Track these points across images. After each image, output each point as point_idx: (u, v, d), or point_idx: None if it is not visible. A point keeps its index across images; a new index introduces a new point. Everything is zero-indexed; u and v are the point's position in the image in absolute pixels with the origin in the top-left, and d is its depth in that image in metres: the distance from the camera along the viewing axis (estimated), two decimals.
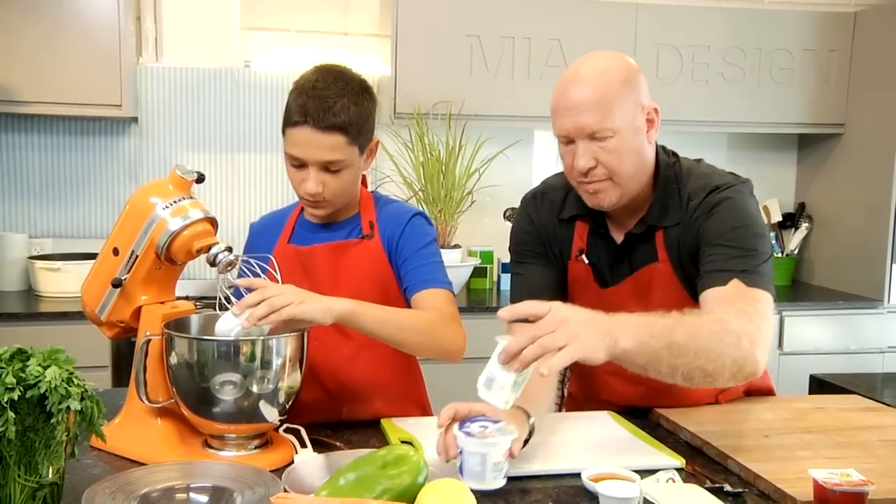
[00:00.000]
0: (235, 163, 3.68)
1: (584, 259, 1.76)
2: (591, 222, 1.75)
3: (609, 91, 1.57)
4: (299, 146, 1.66)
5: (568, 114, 1.59)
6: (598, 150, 1.59)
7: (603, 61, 1.61)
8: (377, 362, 1.80)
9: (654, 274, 1.71)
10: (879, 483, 1.28)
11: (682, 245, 1.68)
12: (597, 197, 1.65)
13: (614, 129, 1.57)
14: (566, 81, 1.62)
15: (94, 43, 3.18)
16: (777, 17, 3.80)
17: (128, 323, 1.58)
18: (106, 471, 1.42)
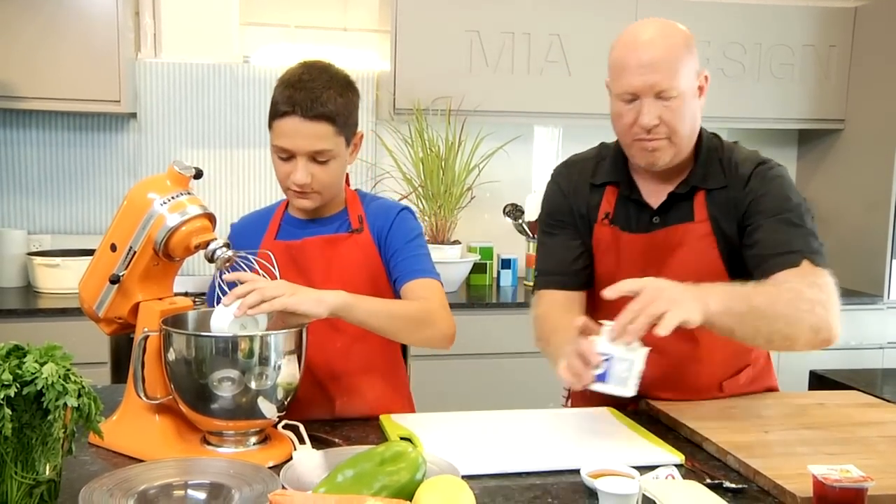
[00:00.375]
0: (234, 159, 3.67)
1: (608, 222, 1.82)
2: (622, 188, 1.81)
3: (677, 52, 1.67)
4: (287, 137, 1.67)
5: (639, 71, 1.65)
6: (663, 109, 1.67)
7: (666, 25, 1.72)
8: (369, 355, 1.81)
9: (687, 232, 1.75)
10: (879, 479, 1.28)
11: (725, 208, 1.74)
12: (653, 155, 1.71)
13: (678, 90, 1.66)
14: (633, 41, 1.69)
15: (92, 39, 3.18)
16: (777, 12, 3.79)
17: (126, 319, 1.57)
18: (104, 467, 1.42)
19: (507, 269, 3.80)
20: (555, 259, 1.88)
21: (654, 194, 1.79)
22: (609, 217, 1.81)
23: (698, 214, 1.75)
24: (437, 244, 3.52)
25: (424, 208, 3.53)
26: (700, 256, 1.74)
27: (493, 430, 1.66)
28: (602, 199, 1.83)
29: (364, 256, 1.80)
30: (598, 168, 1.86)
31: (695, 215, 1.76)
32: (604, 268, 1.82)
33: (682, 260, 1.74)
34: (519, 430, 1.66)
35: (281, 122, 1.67)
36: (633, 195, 1.80)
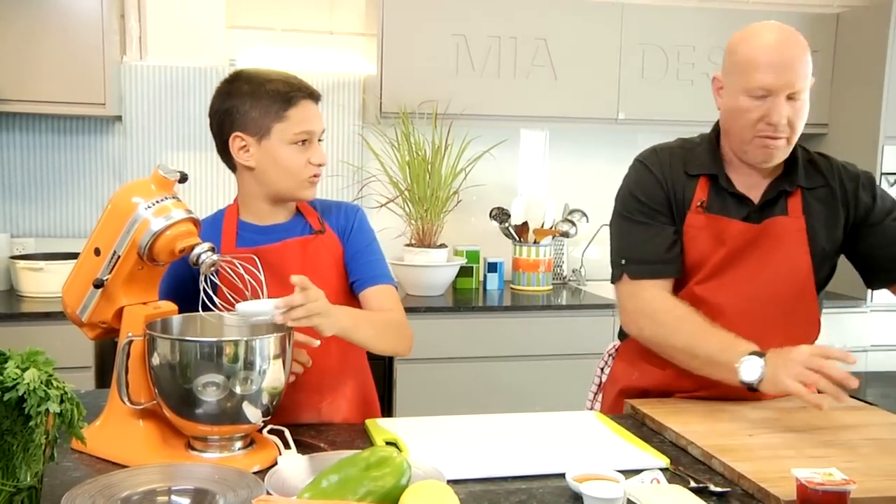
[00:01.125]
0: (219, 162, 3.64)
1: (702, 210, 1.85)
2: (720, 179, 1.84)
3: (805, 55, 1.75)
4: (308, 121, 1.73)
5: (778, 70, 1.71)
6: (790, 109, 1.73)
7: (789, 28, 1.79)
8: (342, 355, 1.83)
9: (782, 226, 1.82)
10: (861, 482, 1.29)
11: (824, 207, 1.84)
12: (772, 153, 1.77)
13: (805, 94, 1.75)
14: (765, 41, 1.75)
15: (77, 41, 3.16)
16: (761, 17, 3.76)
17: (109, 324, 1.56)
18: (87, 473, 1.41)
19: (493, 273, 3.80)
20: (653, 247, 1.86)
21: (750, 188, 1.85)
22: (703, 205, 1.85)
23: (793, 210, 1.83)
24: (423, 247, 3.52)
25: (411, 212, 3.53)
26: (790, 252, 1.82)
27: (479, 434, 1.66)
28: (696, 188, 1.86)
29: (332, 256, 1.82)
30: (690, 158, 1.88)
31: (789, 210, 1.83)
32: (696, 255, 1.85)
33: (776, 253, 1.82)
34: (504, 435, 1.66)
35: (298, 109, 1.71)
36: (729, 187, 1.85)
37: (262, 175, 1.74)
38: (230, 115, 1.72)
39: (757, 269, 1.83)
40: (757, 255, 1.82)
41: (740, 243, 1.83)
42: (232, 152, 1.74)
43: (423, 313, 3.30)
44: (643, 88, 3.67)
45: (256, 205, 1.80)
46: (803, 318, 1.88)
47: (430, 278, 3.53)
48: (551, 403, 2.02)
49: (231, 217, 1.81)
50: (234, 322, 1.57)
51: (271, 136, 1.71)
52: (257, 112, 1.70)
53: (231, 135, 1.73)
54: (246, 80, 1.74)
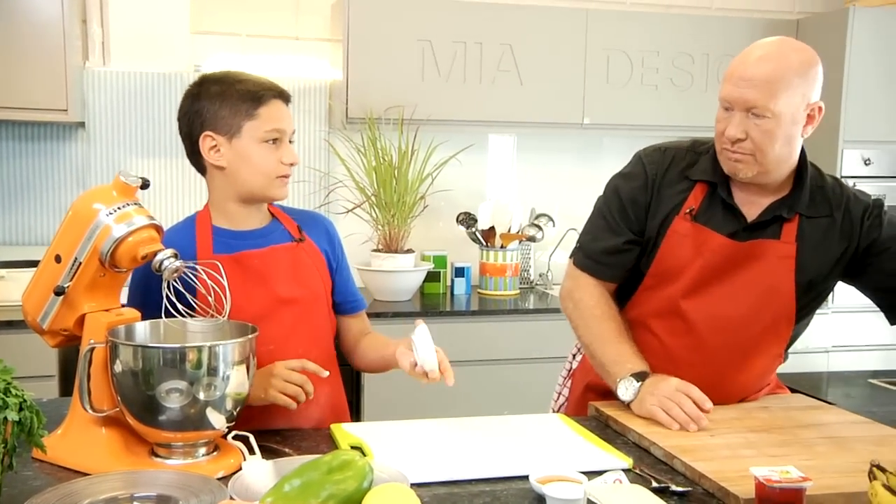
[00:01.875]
0: (185, 168, 3.58)
1: (690, 217, 1.83)
2: (719, 189, 1.82)
3: (782, 75, 1.67)
4: (279, 119, 1.74)
5: (738, 84, 1.70)
6: (752, 126, 1.70)
7: (789, 47, 1.72)
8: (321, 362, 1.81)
9: (770, 249, 1.79)
10: (817, 479, 1.32)
11: (822, 236, 1.80)
12: (735, 166, 1.76)
13: (773, 112, 1.67)
14: (748, 54, 1.72)
15: (37, 46, 3.12)
16: (724, 23, 3.87)
17: (71, 331, 1.55)
18: (48, 482, 1.39)
19: (460, 278, 3.82)
20: (603, 246, 1.91)
21: (748, 204, 1.82)
22: (693, 213, 1.83)
23: (786, 236, 1.79)
24: (390, 253, 3.53)
25: (378, 217, 3.53)
26: (774, 276, 1.78)
27: (444, 437, 1.67)
28: (689, 194, 1.84)
29: (315, 266, 1.84)
30: (695, 163, 1.87)
31: (782, 235, 1.79)
32: (674, 260, 1.84)
33: (757, 273, 1.79)
34: (469, 438, 1.67)
35: (268, 107, 1.72)
36: (728, 199, 1.82)
37: (234, 175, 1.74)
38: (200, 116, 1.73)
39: (736, 288, 1.80)
40: (738, 275, 1.79)
41: (720, 259, 1.80)
42: (202, 152, 1.74)
43: (391, 318, 3.30)
44: (608, 93, 3.71)
45: (229, 207, 1.79)
46: (772, 345, 1.88)
47: (397, 283, 3.53)
48: (519, 407, 2.03)
49: (204, 223, 1.80)
50: (198, 328, 1.56)
51: (242, 134, 1.71)
52: (227, 111, 1.71)
53: (201, 135, 1.73)
54: (215, 82, 1.75)
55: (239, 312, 1.66)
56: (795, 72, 1.68)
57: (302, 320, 1.81)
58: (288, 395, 1.65)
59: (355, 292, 1.97)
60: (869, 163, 3.76)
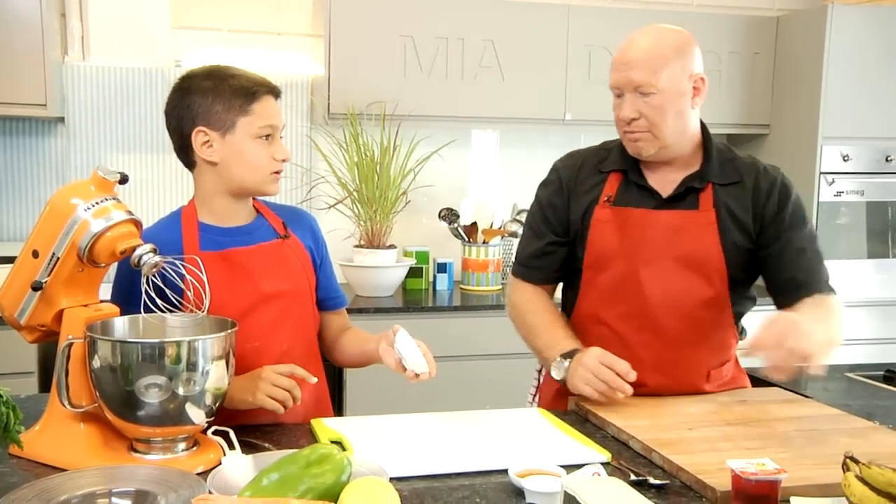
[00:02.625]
0: (166, 164, 3.62)
1: (609, 204, 1.91)
2: (630, 174, 1.92)
3: (660, 53, 1.80)
4: (272, 115, 1.74)
5: (620, 68, 1.82)
6: (642, 105, 1.81)
7: (660, 29, 1.87)
8: (307, 357, 1.85)
9: (690, 219, 1.87)
10: (792, 471, 1.33)
11: (737, 202, 1.87)
12: (636, 145, 1.86)
13: (658, 88, 1.79)
14: (627, 42, 1.85)
15: (16, 41, 3.09)
16: (704, 20, 3.89)
17: (49, 327, 1.54)
18: (25, 478, 1.39)
19: (442, 273, 3.82)
20: (529, 251, 2.04)
21: (661, 182, 1.90)
22: (611, 199, 1.91)
23: (704, 204, 1.87)
24: (372, 248, 3.52)
25: (360, 213, 3.53)
26: (699, 243, 1.86)
27: (423, 432, 1.67)
28: (605, 184, 1.94)
29: (299, 262, 1.85)
30: (606, 157, 1.97)
31: (700, 205, 1.87)
32: (603, 246, 1.91)
33: (684, 244, 1.86)
34: (449, 432, 1.67)
35: (261, 103, 1.72)
36: (640, 181, 1.91)
37: (226, 170, 1.73)
38: (191, 111, 1.71)
39: (668, 262, 1.86)
40: (667, 248, 1.86)
41: (644, 233, 1.87)
42: (194, 147, 1.73)
43: (373, 314, 3.31)
44: (589, 89, 3.71)
45: (216, 203, 1.78)
46: (719, 315, 1.92)
47: (379, 279, 3.53)
48: (500, 401, 2.04)
49: (190, 218, 1.79)
50: (178, 323, 1.56)
51: (236, 130, 1.71)
52: (221, 106, 1.70)
53: (194, 130, 1.71)
54: (206, 76, 1.73)
55: (223, 308, 1.66)
56: (672, 48, 1.82)
57: (286, 316, 1.81)
58: (276, 400, 1.64)
59: (337, 289, 1.98)
60: (847, 159, 3.78)
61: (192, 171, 1.79)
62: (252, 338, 1.72)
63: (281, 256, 1.81)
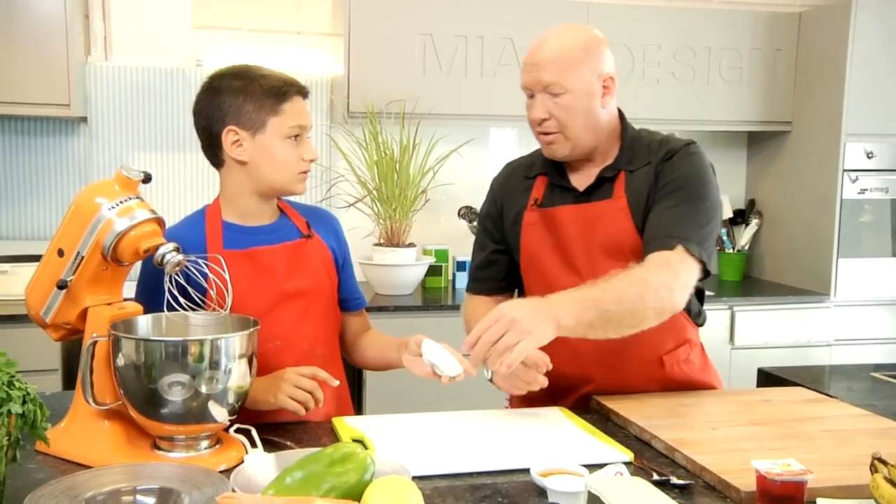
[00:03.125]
0: (187, 162, 3.64)
1: (536, 206, 1.92)
2: (551, 176, 1.93)
3: (568, 54, 1.78)
4: (301, 115, 1.75)
5: (530, 69, 1.81)
6: (552, 105, 1.79)
7: (569, 28, 1.84)
8: (327, 357, 1.85)
9: (605, 208, 1.86)
10: (818, 472, 1.32)
11: (645, 182, 1.84)
12: (550, 147, 1.86)
13: (567, 88, 1.78)
14: (537, 42, 1.83)
15: (40, 41, 3.13)
16: (726, 16, 3.86)
17: (74, 325, 1.56)
18: (51, 475, 1.40)
19: (462, 272, 3.82)
20: (476, 265, 2.07)
21: (580, 179, 1.90)
22: (538, 202, 1.93)
23: (616, 192, 1.86)
24: (392, 247, 3.53)
25: (379, 211, 3.54)
26: (616, 229, 1.84)
27: (445, 430, 1.67)
28: (533, 189, 1.95)
29: (322, 262, 1.85)
30: (534, 162, 1.99)
31: (613, 193, 1.86)
32: (535, 247, 1.92)
33: (603, 232, 1.85)
34: (470, 431, 1.67)
35: (291, 103, 1.73)
36: (561, 182, 1.91)
37: (255, 169, 1.74)
38: (221, 110, 1.72)
39: (594, 252, 1.85)
40: (591, 241, 1.86)
41: (566, 229, 1.87)
42: (224, 147, 1.73)
43: (393, 312, 3.31)
44: None
45: (242, 202, 1.79)
46: None
47: (399, 277, 3.54)
48: None
49: (214, 217, 1.80)
50: (200, 322, 1.57)
51: (266, 129, 1.72)
52: (252, 106, 1.71)
53: (224, 129, 1.72)
54: (236, 76, 1.74)
55: (245, 306, 1.67)
56: (580, 48, 1.79)
57: (308, 315, 1.81)
58: (297, 401, 1.65)
59: (358, 290, 1.98)
60: (871, 156, 3.75)
61: (219, 169, 1.80)
62: (273, 337, 1.73)
63: (303, 255, 1.82)
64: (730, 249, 4.13)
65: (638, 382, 1.89)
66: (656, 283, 1.64)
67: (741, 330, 3.71)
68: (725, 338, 3.69)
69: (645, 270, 1.67)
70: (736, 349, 3.70)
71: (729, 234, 4.14)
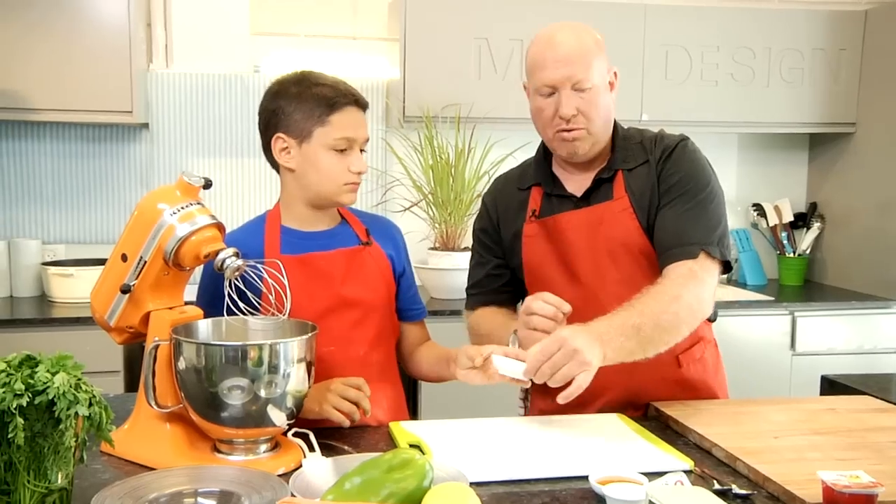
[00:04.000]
0: (245, 168, 3.69)
1: (535, 218, 1.90)
2: (545, 186, 1.90)
3: (589, 48, 1.78)
4: (351, 127, 1.74)
5: (556, 65, 1.76)
6: (580, 100, 1.76)
7: (577, 25, 1.84)
8: (383, 363, 1.86)
9: (607, 210, 1.83)
10: (889, 485, 1.28)
11: (644, 180, 1.82)
12: (573, 145, 1.80)
13: (592, 82, 1.76)
14: (550, 40, 1.80)
15: (105, 50, 3.20)
16: (787, 16, 3.79)
17: (137, 328, 1.59)
18: (115, 476, 1.43)
19: None
20: (474, 280, 2.03)
21: (577, 184, 1.88)
22: (535, 213, 1.90)
23: (617, 192, 1.83)
24: (447, 251, 3.53)
25: (434, 215, 3.54)
26: (621, 230, 1.82)
27: (502, 436, 1.66)
28: (529, 200, 1.92)
29: (379, 270, 1.85)
30: (524, 173, 1.96)
31: (614, 194, 1.83)
32: (537, 258, 1.89)
33: (607, 235, 1.82)
34: (527, 437, 1.66)
35: (341, 114, 1.73)
36: (556, 191, 1.89)
37: (302, 178, 1.76)
38: (275, 116, 1.75)
39: (599, 258, 1.82)
40: (595, 246, 1.82)
41: (570, 234, 1.84)
42: (273, 153, 1.76)
43: (448, 316, 3.31)
44: (667, 90, 3.65)
45: (298, 209, 1.81)
46: None
47: (454, 281, 3.53)
48: None
49: (273, 222, 1.82)
50: (259, 326, 1.59)
51: (312, 140, 1.73)
52: (301, 115, 1.72)
53: (274, 135, 1.75)
54: (295, 82, 1.76)
55: (301, 311, 1.68)
56: (593, 42, 1.80)
57: (364, 322, 1.82)
58: (342, 412, 1.65)
59: (418, 300, 1.98)
60: None
61: (278, 173, 1.82)
62: (328, 341, 1.74)
63: (360, 262, 1.82)
64: (790, 253, 4.05)
65: (655, 387, 1.86)
66: (688, 297, 1.66)
67: (803, 336, 3.62)
68: (786, 343, 3.61)
69: (675, 285, 1.68)
70: (797, 355, 3.61)
71: (789, 238, 4.06)
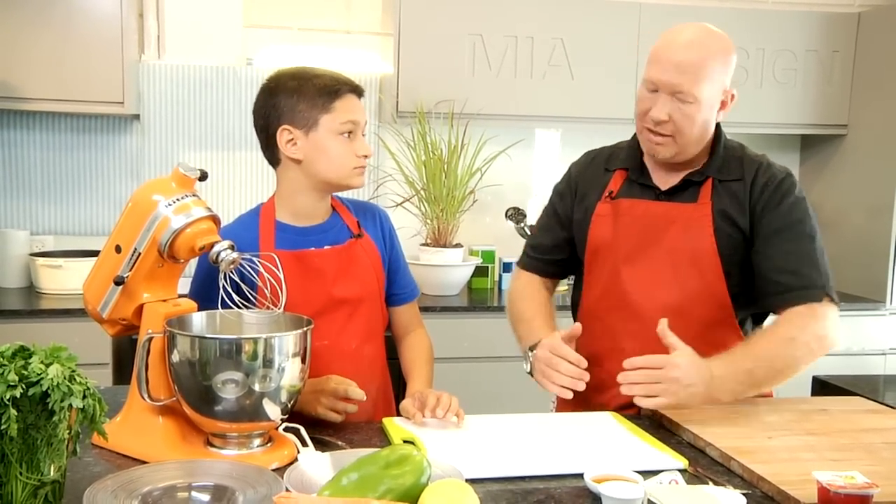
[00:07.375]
0: (237, 160, 3.67)
1: (610, 199, 1.90)
2: (632, 172, 1.90)
3: (708, 64, 1.74)
4: (354, 112, 1.77)
5: (667, 67, 1.74)
6: (675, 109, 1.74)
7: (710, 33, 1.79)
8: (373, 357, 1.87)
9: (686, 211, 1.83)
10: (884, 486, 1.28)
11: (735, 198, 1.81)
12: (655, 147, 1.81)
13: (697, 98, 1.73)
14: (675, 37, 1.77)
15: (96, 40, 3.18)
16: (780, 17, 3.80)
17: (130, 321, 1.57)
18: (107, 469, 1.42)
19: (508, 273, 3.80)
20: (535, 244, 2.06)
21: (664, 179, 1.87)
22: (612, 194, 1.90)
23: (702, 197, 1.82)
24: (438, 247, 3.52)
25: (426, 211, 3.53)
26: (693, 235, 1.81)
27: (496, 433, 1.66)
28: (610, 181, 1.92)
29: (370, 261, 1.86)
30: (614, 155, 1.97)
31: (699, 198, 1.83)
32: (602, 239, 1.90)
33: (677, 236, 1.82)
34: (522, 434, 1.66)
35: (343, 101, 1.75)
36: (642, 179, 1.88)
37: (310, 166, 1.77)
38: (276, 110, 1.76)
39: (662, 254, 1.82)
40: (662, 242, 1.82)
41: (639, 225, 1.85)
42: (279, 146, 1.77)
43: (439, 313, 3.30)
44: None
45: (298, 200, 1.81)
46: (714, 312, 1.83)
47: (445, 278, 3.53)
48: None
49: (268, 217, 1.83)
50: (254, 320, 1.57)
51: (319, 127, 1.74)
52: (304, 105, 1.74)
53: (279, 128, 1.76)
54: (292, 77, 1.77)
55: (295, 309, 1.67)
56: (718, 59, 1.75)
57: (356, 317, 1.83)
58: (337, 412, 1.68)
59: (409, 282, 2.00)
60: None
61: (276, 168, 1.83)
62: (322, 336, 1.75)
63: (353, 258, 1.83)
64: None
65: None
66: (805, 338, 1.71)
67: None
68: None
69: (792, 327, 1.73)
70: None
71: None
